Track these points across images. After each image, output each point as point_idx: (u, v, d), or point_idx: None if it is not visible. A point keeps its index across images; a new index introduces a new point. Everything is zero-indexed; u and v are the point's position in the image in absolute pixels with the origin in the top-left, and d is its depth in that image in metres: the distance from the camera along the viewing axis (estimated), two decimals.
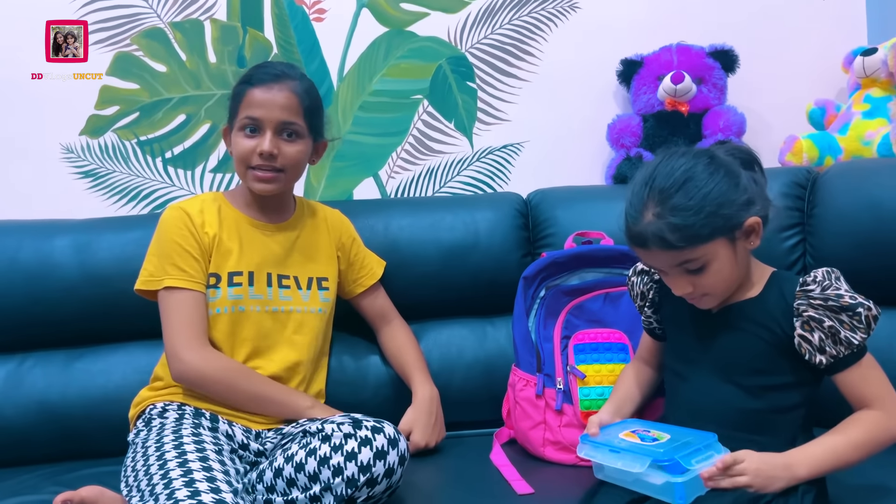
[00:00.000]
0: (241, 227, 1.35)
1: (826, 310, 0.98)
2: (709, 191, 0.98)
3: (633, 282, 1.21)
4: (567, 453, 1.29)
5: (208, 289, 1.30)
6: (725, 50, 1.77)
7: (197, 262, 1.28)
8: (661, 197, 0.99)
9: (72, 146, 1.79)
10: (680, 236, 0.97)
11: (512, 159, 1.88)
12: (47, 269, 1.50)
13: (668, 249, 0.99)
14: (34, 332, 1.52)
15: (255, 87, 1.29)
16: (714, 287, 1.03)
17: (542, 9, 1.87)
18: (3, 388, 1.48)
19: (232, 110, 1.33)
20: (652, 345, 1.22)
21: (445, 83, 1.87)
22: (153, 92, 1.80)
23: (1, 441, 1.45)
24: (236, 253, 1.32)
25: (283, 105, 1.28)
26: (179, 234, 1.29)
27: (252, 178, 1.30)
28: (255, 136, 1.29)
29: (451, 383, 1.52)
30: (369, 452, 1.10)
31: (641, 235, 1.00)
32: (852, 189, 1.40)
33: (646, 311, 1.20)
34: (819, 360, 0.99)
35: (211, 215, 1.33)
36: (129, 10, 1.78)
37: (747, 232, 1.02)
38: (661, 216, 0.98)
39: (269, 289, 1.34)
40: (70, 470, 1.39)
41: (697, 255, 0.99)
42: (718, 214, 0.98)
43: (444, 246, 1.57)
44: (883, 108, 1.67)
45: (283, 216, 1.40)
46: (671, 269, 1.02)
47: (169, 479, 1.04)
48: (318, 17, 1.84)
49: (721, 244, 1.00)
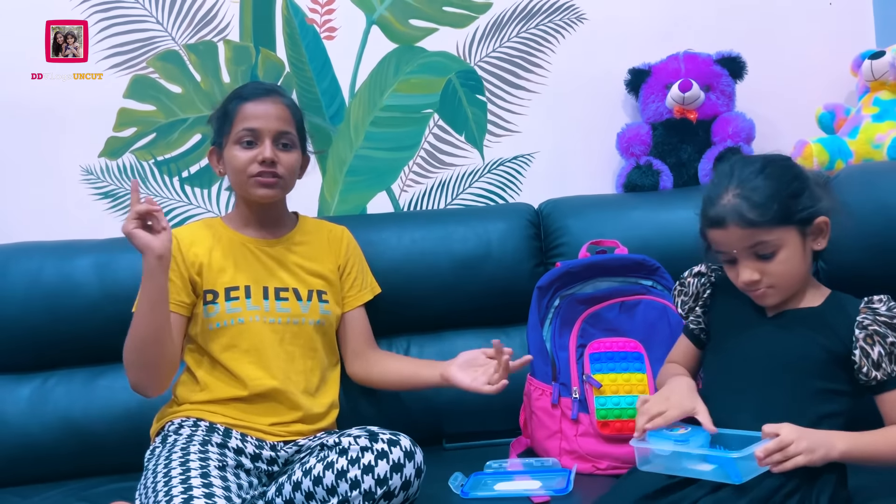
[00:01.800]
0: (236, 246, 1.37)
1: (889, 327, 1.00)
2: (788, 180, 1.04)
3: (690, 282, 1.20)
4: (584, 462, 1.30)
5: (205, 305, 1.32)
6: (733, 57, 1.78)
7: (173, 284, 1.29)
8: (742, 180, 1.04)
9: (91, 168, 1.83)
10: (758, 213, 1.01)
11: (523, 170, 1.90)
12: (69, 288, 1.53)
13: (745, 227, 1.02)
14: (57, 351, 1.55)
15: (248, 101, 1.33)
16: (780, 277, 1.05)
17: (550, 21, 1.89)
18: (28, 406, 1.51)
19: (222, 127, 1.36)
20: (689, 350, 1.21)
21: (455, 97, 1.89)
22: (169, 113, 1.84)
23: (27, 458, 1.48)
24: (231, 269, 1.34)
25: (278, 115, 1.33)
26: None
27: (255, 184, 1.32)
28: (252, 147, 1.32)
29: (467, 394, 1.51)
30: (386, 465, 1.12)
31: (720, 215, 1.04)
32: (863, 192, 1.40)
33: (696, 312, 1.19)
34: (874, 376, 1.01)
35: (203, 236, 1.37)
36: (144, 35, 1.82)
37: (816, 231, 1.05)
38: (741, 195, 1.03)
39: (265, 301, 1.34)
40: (95, 486, 1.42)
41: (771, 237, 1.02)
42: (795, 201, 1.03)
43: (456, 257, 1.59)
44: (892, 111, 1.67)
45: (282, 230, 1.42)
46: (743, 251, 1.04)
47: (171, 497, 1.06)
48: (328, 35, 1.87)
49: (793, 234, 1.04)
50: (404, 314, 1.57)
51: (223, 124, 1.35)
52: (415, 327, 1.60)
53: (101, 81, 1.81)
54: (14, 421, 1.49)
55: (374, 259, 1.53)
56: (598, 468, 1.30)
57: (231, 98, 1.37)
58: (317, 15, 1.86)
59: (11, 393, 1.52)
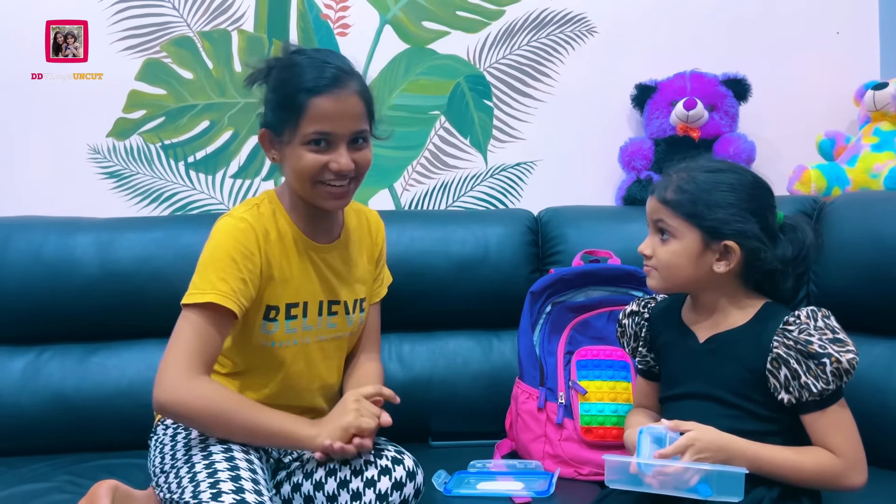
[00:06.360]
0: (300, 250, 1.23)
1: (795, 351, 1.00)
2: (722, 190, 1.06)
3: (625, 324, 1.22)
4: (566, 467, 1.32)
5: (266, 321, 1.20)
6: (738, 79, 1.80)
7: (246, 287, 1.14)
8: (692, 169, 1.09)
9: (99, 147, 1.85)
10: (674, 197, 1.06)
11: (525, 177, 1.92)
12: (69, 264, 1.55)
13: (658, 201, 1.08)
14: (53, 326, 1.57)
15: (320, 95, 1.12)
16: (663, 264, 1.08)
17: (561, 32, 1.91)
18: (21, 379, 1.52)
19: (284, 117, 1.14)
20: (648, 387, 1.22)
21: (463, 100, 1.91)
22: (179, 98, 1.86)
23: (16, 429, 1.50)
24: (294, 283, 1.21)
25: (354, 114, 1.15)
26: (238, 251, 1.14)
27: (325, 195, 1.17)
28: (324, 150, 1.14)
29: (456, 393, 1.55)
30: (388, 482, 1.12)
31: (656, 186, 1.11)
32: (857, 220, 1.42)
33: (640, 352, 1.21)
34: (782, 398, 1.02)
35: (273, 235, 1.20)
36: (159, 19, 1.84)
37: (721, 250, 1.05)
38: (678, 178, 1.08)
39: (319, 318, 1.25)
40: (81, 461, 1.44)
41: (671, 222, 1.07)
42: (711, 210, 1.05)
43: (454, 259, 1.60)
44: (891, 142, 1.70)
45: (336, 232, 1.29)
46: (651, 224, 1.11)
47: (216, 476, 1.03)
48: (342, 31, 1.89)
49: (693, 233, 1.06)
50: (399, 312, 1.57)
51: (287, 115, 1.14)
52: (408, 325, 1.62)
53: (113, 62, 1.83)
54: (6, 392, 1.51)
55: None
56: (580, 473, 1.32)
57: (297, 86, 1.13)
58: (331, 11, 1.88)
59: (5, 364, 1.54)
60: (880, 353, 1.34)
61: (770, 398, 1.03)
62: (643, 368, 1.22)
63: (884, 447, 1.25)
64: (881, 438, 1.25)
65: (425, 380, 1.56)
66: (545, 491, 1.22)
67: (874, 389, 1.31)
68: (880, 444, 1.22)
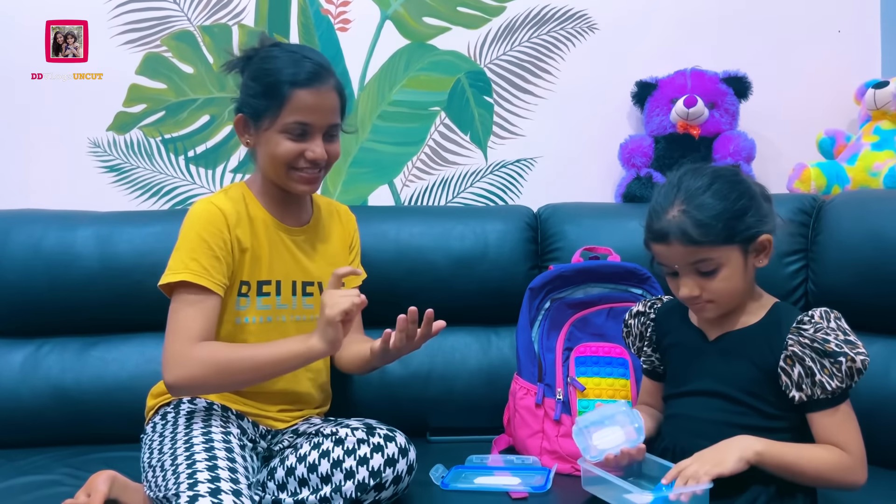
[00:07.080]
0: (270, 232, 1.29)
1: (811, 350, 1.00)
2: (734, 198, 1.03)
3: (631, 325, 1.22)
4: (563, 462, 1.32)
5: (238, 297, 1.25)
6: (739, 76, 1.80)
7: (220, 263, 1.20)
8: (689, 195, 1.04)
9: (99, 141, 1.85)
10: (701, 232, 1.01)
11: (524, 173, 1.92)
12: (69, 258, 1.55)
13: (687, 245, 1.02)
14: (52, 319, 1.57)
15: (302, 88, 1.20)
16: (720, 294, 1.05)
17: (561, 28, 1.91)
18: (20, 371, 1.53)
19: (265, 106, 1.22)
20: (653, 387, 1.23)
21: (463, 96, 1.91)
22: (179, 92, 1.86)
23: (15, 422, 1.50)
24: (266, 260, 1.28)
25: (331, 108, 1.24)
26: (208, 231, 1.21)
27: (297, 179, 1.25)
28: (301, 139, 1.22)
29: (454, 389, 1.56)
30: (380, 459, 1.14)
31: (664, 230, 1.04)
32: (856, 218, 1.42)
33: (645, 352, 1.21)
34: (793, 396, 1.02)
35: (243, 217, 1.26)
36: (160, 13, 1.84)
37: (759, 248, 1.06)
38: (687, 212, 1.03)
39: (293, 297, 1.30)
40: (80, 453, 1.44)
41: (713, 255, 1.03)
42: (740, 221, 1.03)
43: (453, 254, 1.60)
44: (891, 141, 1.70)
45: (305, 217, 1.36)
46: (685, 267, 1.05)
47: (193, 466, 1.06)
48: (342, 26, 1.89)
49: (735, 252, 1.04)
50: (397, 307, 1.57)
51: (268, 103, 1.21)
52: None
53: (114, 57, 1.83)
54: (5, 385, 1.52)
55: (371, 250, 1.55)
56: (576, 469, 1.31)
57: (280, 77, 1.21)
58: (332, 6, 1.88)
59: (4, 357, 1.54)
60: (877, 352, 1.34)
61: (780, 396, 1.04)
62: (648, 368, 1.23)
63: (880, 445, 1.24)
64: (878, 437, 1.25)
65: (424, 375, 1.57)
66: (542, 486, 1.23)
67: (871, 388, 1.30)
68: (877, 443, 1.21)
